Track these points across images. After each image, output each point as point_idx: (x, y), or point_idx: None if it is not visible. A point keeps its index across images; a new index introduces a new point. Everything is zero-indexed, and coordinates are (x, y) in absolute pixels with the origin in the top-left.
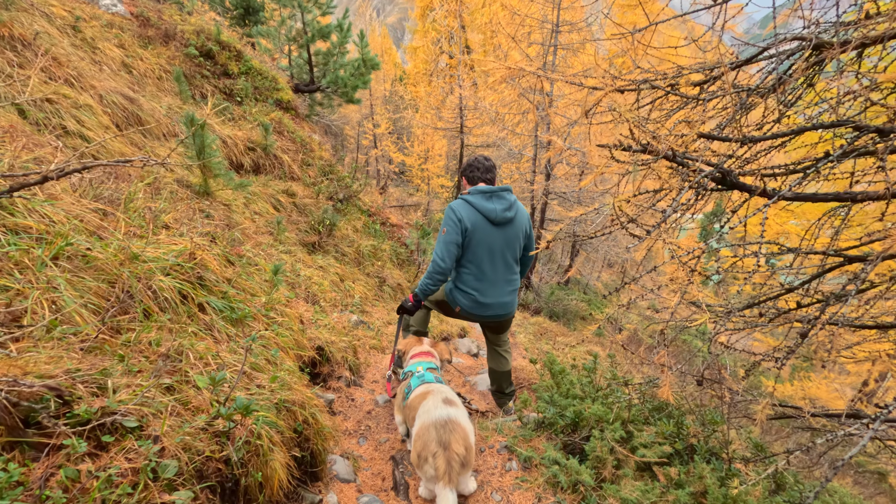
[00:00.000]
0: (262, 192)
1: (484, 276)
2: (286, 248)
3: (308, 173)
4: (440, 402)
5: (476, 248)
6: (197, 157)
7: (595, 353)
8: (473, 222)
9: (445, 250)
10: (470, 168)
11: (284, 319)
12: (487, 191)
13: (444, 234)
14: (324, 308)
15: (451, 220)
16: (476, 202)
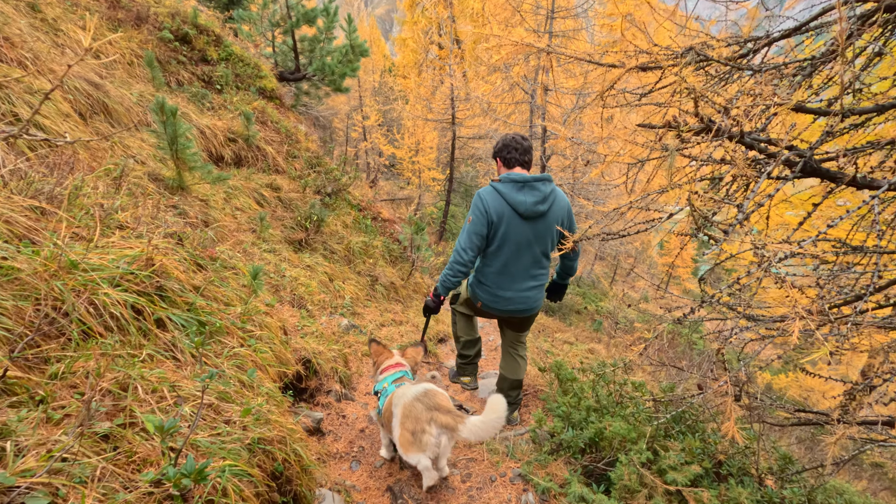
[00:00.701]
0: (245, 186)
1: (506, 270)
2: (270, 246)
3: (294, 166)
4: (409, 385)
5: (502, 242)
6: (169, 148)
7: (605, 362)
8: (500, 214)
9: (468, 241)
10: (506, 149)
11: (264, 332)
12: (520, 180)
13: (469, 224)
14: (311, 312)
15: (478, 210)
16: (506, 192)
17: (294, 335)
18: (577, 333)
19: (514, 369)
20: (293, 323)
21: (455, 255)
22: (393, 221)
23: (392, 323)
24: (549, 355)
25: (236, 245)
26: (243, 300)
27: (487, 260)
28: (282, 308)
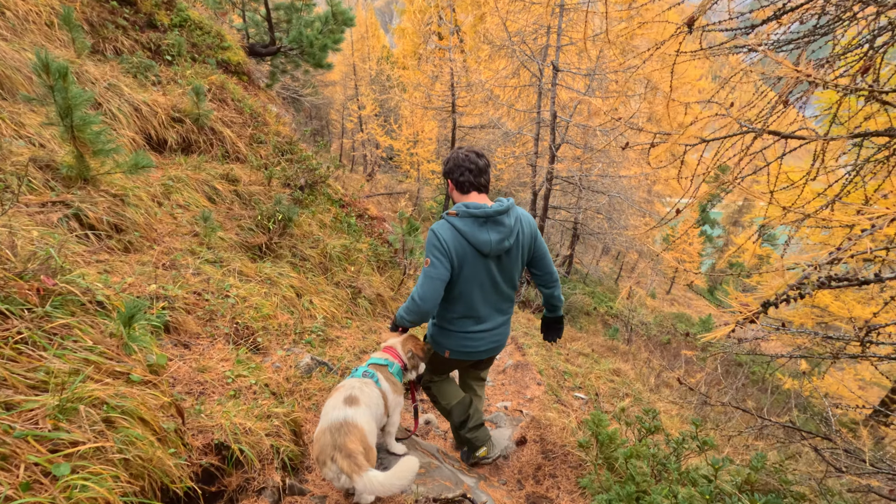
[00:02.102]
0: (192, 178)
1: (472, 312)
2: (216, 254)
3: (258, 153)
4: (340, 401)
5: (464, 284)
6: (62, 123)
7: (653, 410)
8: (462, 254)
9: (429, 288)
10: (458, 169)
11: (124, 426)
12: (481, 214)
13: (428, 268)
14: (261, 347)
15: (437, 251)
16: (466, 230)
17: (210, 402)
18: (591, 342)
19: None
20: (219, 374)
21: (412, 304)
22: (382, 219)
23: (376, 348)
24: (567, 378)
25: (164, 255)
26: (71, 374)
27: (450, 305)
28: (210, 349)
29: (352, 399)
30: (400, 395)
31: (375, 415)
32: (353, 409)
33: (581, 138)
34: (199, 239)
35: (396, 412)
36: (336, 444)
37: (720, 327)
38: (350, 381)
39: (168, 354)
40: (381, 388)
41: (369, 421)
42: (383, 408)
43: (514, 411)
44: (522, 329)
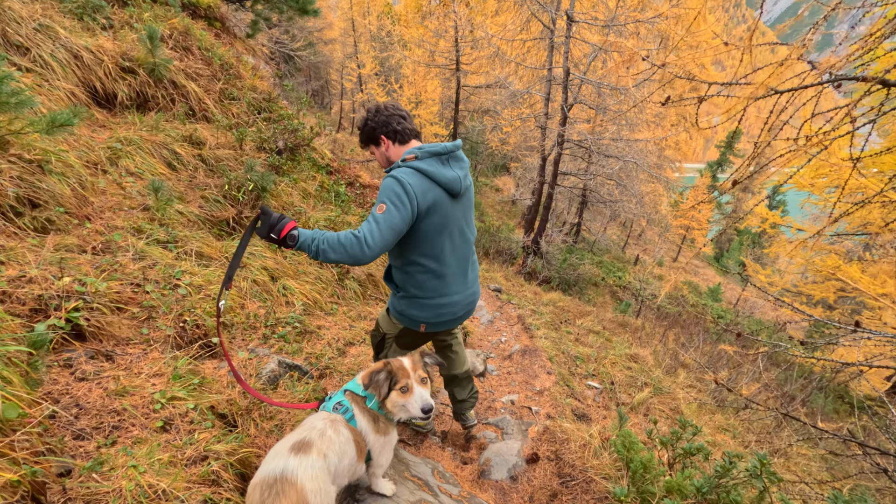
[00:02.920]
0: (148, 140)
1: (447, 269)
2: (170, 232)
3: (230, 111)
4: (286, 447)
5: (435, 237)
6: None
7: (693, 426)
8: (431, 200)
9: (381, 237)
10: (391, 120)
11: None
12: (442, 151)
13: (384, 214)
14: (216, 349)
15: (398, 197)
16: (432, 170)
17: (124, 442)
18: (601, 317)
19: (456, 364)
20: (145, 398)
21: (355, 245)
22: (376, 187)
23: (366, 338)
24: (579, 363)
25: (94, 237)
26: None
27: (419, 266)
28: (142, 359)
29: (302, 446)
30: (386, 435)
31: (338, 467)
32: (298, 459)
33: (594, 98)
34: (151, 214)
35: (384, 454)
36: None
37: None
38: (314, 419)
39: (79, 372)
40: (354, 428)
41: (320, 478)
42: (354, 454)
43: (521, 408)
44: (530, 306)
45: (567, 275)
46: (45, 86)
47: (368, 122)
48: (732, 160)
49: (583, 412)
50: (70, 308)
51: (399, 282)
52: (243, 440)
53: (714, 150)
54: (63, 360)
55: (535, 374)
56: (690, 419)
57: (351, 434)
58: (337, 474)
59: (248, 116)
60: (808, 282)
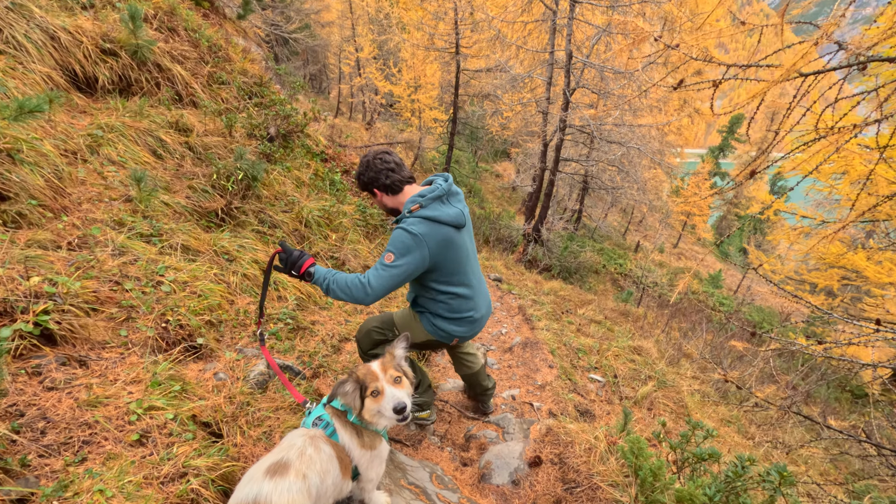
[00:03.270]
0: (131, 126)
1: (471, 288)
2: (154, 225)
3: (219, 96)
4: (261, 471)
5: (457, 267)
6: None
7: (707, 428)
8: (442, 241)
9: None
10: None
11: None
12: (442, 194)
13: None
14: (203, 350)
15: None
16: (437, 214)
17: (93, 461)
18: (602, 306)
19: (472, 362)
20: (120, 408)
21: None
22: None
23: None
24: (581, 356)
25: (70, 231)
26: None
27: (454, 291)
28: (119, 364)
29: (278, 467)
30: (373, 449)
31: (320, 488)
32: (274, 483)
33: (597, 83)
34: (133, 205)
35: (373, 468)
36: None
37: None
38: (292, 436)
39: (48, 380)
40: (336, 443)
41: (298, 502)
42: (338, 472)
43: (523, 404)
44: (531, 296)
45: (568, 263)
46: (19, 69)
47: (361, 178)
48: (734, 145)
49: (585, 408)
50: (39, 311)
51: (431, 308)
52: (228, 452)
53: (716, 135)
54: (31, 368)
55: (536, 368)
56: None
57: (333, 450)
58: (319, 496)
59: (238, 102)
60: (810, 269)
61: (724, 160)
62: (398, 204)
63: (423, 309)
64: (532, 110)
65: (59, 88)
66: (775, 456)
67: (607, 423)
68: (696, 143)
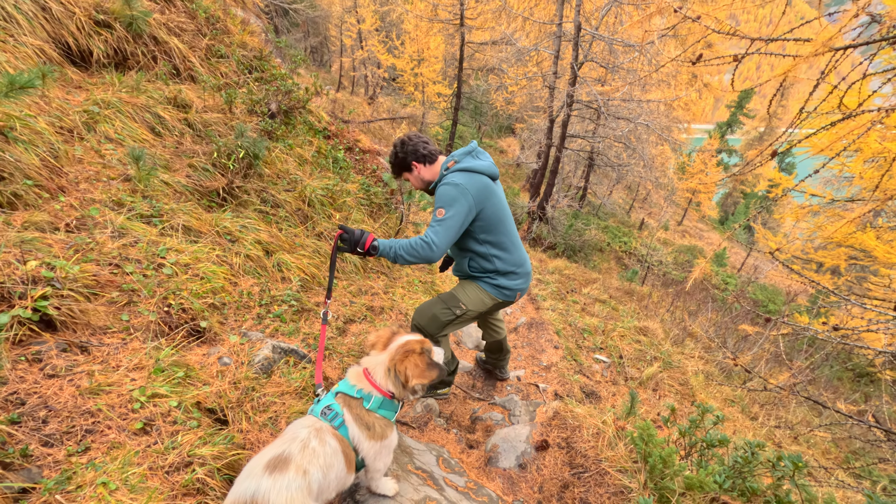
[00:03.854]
0: (129, 102)
1: (515, 241)
2: (154, 205)
3: (218, 70)
4: (261, 466)
5: (500, 217)
6: None
7: (716, 413)
8: (482, 191)
9: (444, 236)
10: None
11: None
12: (468, 150)
13: (443, 217)
14: (206, 334)
15: (454, 199)
16: (471, 164)
17: (96, 451)
18: (607, 284)
19: (500, 330)
20: (123, 395)
21: (425, 248)
22: (376, 153)
23: (367, 314)
24: (586, 336)
25: (68, 212)
26: None
27: (500, 245)
28: (121, 350)
29: (278, 462)
30: (382, 440)
31: (322, 483)
32: (272, 479)
33: (606, 56)
34: (133, 185)
35: (381, 458)
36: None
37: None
38: (297, 426)
39: (49, 368)
40: (343, 438)
41: (297, 499)
42: (343, 467)
43: (528, 385)
44: (536, 275)
45: (573, 241)
46: (10, 42)
47: (398, 154)
48: (743, 121)
49: (591, 389)
50: (37, 296)
51: (488, 268)
52: (234, 439)
53: (724, 111)
54: (31, 355)
55: (541, 349)
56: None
57: (339, 445)
58: (321, 490)
59: (237, 76)
60: (817, 248)
61: (731, 136)
62: (434, 174)
63: (480, 274)
64: (538, 85)
65: (53, 62)
66: (778, 436)
67: (613, 405)
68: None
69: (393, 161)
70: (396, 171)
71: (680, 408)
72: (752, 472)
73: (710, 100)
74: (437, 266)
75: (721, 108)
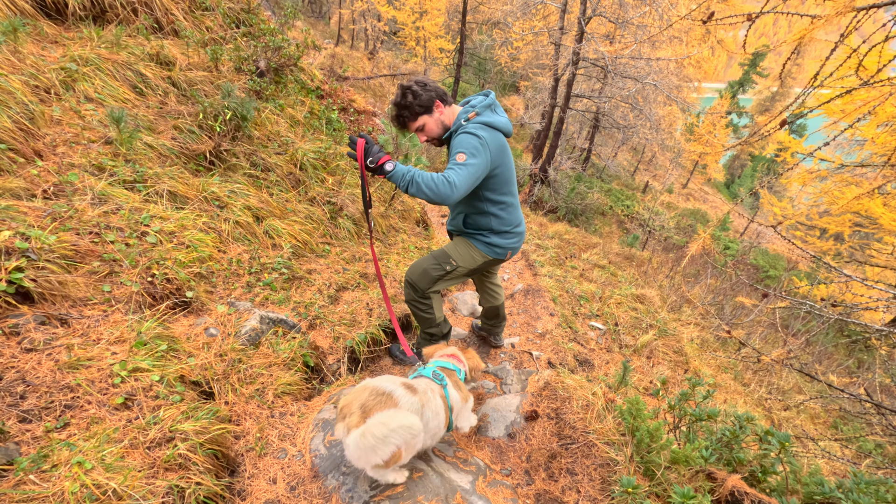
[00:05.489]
0: (108, 59)
1: (515, 203)
2: (137, 170)
3: (203, 24)
4: (399, 382)
5: (509, 175)
6: None
7: (706, 388)
8: (499, 147)
9: (464, 181)
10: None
11: None
12: (489, 103)
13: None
14: (193, 304)
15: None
16: (492, 120)
17: (76, 427)
18: (607, 249)
19: (498, 295)
20: (103, 370)
21: (445, 186)
22: (372, 113)
23: (360, 282)
24: (583, 303)
25: (45, 178)
26: None
27: (502, 204)
28: (102, 322)
29: (410, 387)
30: (465, 402)
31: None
32: (406, 393)
33: (615, 10)
34: (114, 148)
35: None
36: (363, 406)
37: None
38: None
39: (27, 341)
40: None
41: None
42: (443, 420)
43: (522, 353)
44: (535, 240)
45: (574, 204)
46: None
47: (420, 94)
48: (756, 80)
49: (585, 357)
50: (11, 268)
51: (483, 225)
52: (218, 412)
53: (736, 69)
54: (8, 328)
55: (537, 316)
56: (699, 375)
57: (443, 405)
58: (426, 427)
59: (224, 31)
60: (821, 214)
61: (742, 96)
62: (451, 119)
63: (473, 231)
64: (544, 40)
65: (25, 15)
66: (769, 402)
67: (606, 374)
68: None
69: (411, 103)
70: (412, 116)
71: (673, 376)
72: (739, 444)
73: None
74: (434, 232)
75: (734, 67)
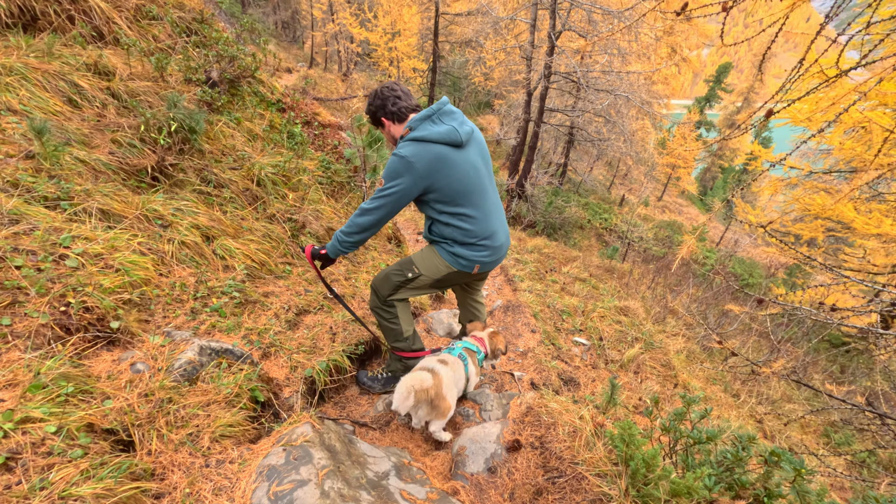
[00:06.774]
0: (38, 69)
1: (483, 211)
2: (63, 187)
3: (149, 33)
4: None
5: (459, 187)
6: None
7: (705, 407)
8: (435, 159)
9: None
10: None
11: None
12: (427, 114)
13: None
14: (120, 335)
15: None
16: (425, 134)
17: None
18: (587, 262)
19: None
20: None
21: (358, 215)
22: (338, 127)
23: (324, 303)
24: (565, 318)
25: None
26: None
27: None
28: None
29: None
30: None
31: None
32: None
33: (584, 25)
34: (37, 163)
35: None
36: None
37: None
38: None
39: None
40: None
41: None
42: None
43: (503, 374)
44: (514, 255)
45: (552, 218)
46: None
47: (369, 107)
48: (721, 95)
49: (570, 376)
50: None
51: (446, 234)
52: (136, 465)
53: (702, 85)
54: None
55: (518, 333)
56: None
57: (462, 373)
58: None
59: (172, 40)
60: (794, 221)
61: (710, 111)
62: (398, 132)
63: (438, 238)
64: (516, 58)
65: None
66: (759, 412)
67: (593, 393)
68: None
69: (367, 112)
70: (371, 122)
71: (662, 391)
72: (743, 468)
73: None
74: (407, 249)
75: (700, 84)
